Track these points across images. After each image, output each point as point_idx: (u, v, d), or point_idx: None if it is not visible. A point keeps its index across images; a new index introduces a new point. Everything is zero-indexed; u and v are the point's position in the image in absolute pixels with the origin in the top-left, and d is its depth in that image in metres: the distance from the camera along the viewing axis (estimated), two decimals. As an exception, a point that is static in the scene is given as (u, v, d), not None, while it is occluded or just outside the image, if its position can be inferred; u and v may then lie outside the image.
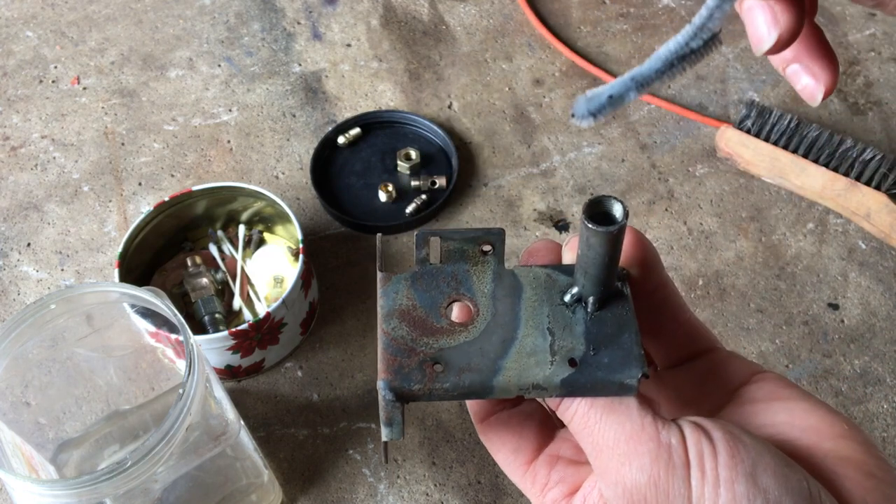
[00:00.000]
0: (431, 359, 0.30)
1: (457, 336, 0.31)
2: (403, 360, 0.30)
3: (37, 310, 0.44)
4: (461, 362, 0.30)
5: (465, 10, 0.89)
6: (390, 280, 0.32)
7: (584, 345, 0.30)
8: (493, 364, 0.30)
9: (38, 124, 0.80)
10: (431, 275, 0.32)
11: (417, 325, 0.31)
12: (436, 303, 0.32)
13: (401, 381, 0.29)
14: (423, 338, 0.30)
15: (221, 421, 0.48)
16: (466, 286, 0.32)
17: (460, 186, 0.75)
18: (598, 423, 0.29)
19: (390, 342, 0.30)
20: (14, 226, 0.73)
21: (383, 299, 0.32)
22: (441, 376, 0.29)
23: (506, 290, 0.32)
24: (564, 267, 0.33)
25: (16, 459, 0.45)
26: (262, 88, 0.82)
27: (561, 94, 0.82)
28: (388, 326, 0.31)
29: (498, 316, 0.31)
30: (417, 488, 0.60)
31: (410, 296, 0.32)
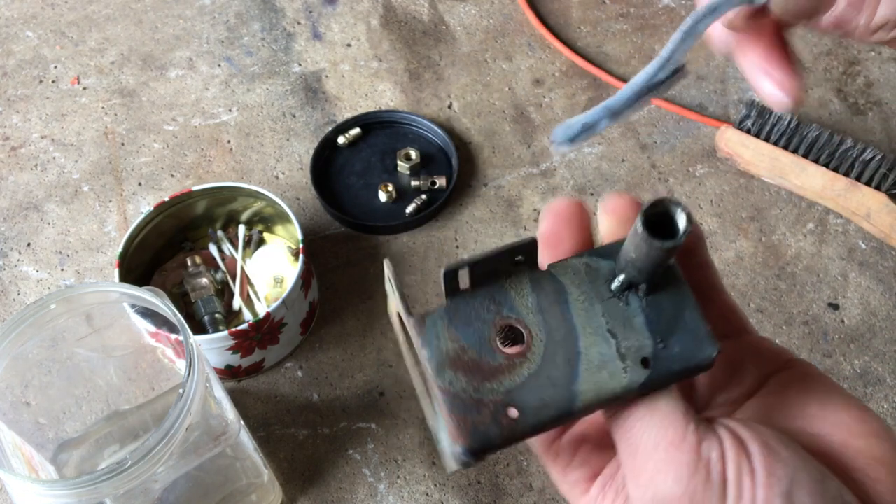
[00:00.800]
0: (503, 406, 0.27)
1: (519, 371, 0.28)
2: (474, 417, 0.27)
3: (37, 310, 0.44)
4: (534, 400, 0.27)
5: (465, 10, 0.89)
6: (425, 323, 0.28)
7: (650, 338, 0.28)
8: (568, 391, 0.27)
9: (38, 124, 0.80)
10: (468, 303, 0.29)
11: (474, 370, 0.28)
12: (483, 336, 0.28)
13: (479, 442, 0.27)
14: (484, 384, 0.27)
15: (221, 421, 0.48)
16: (508, 305, 0.29)
17: (460, 186, 0.75)
18: (639, 423, 0.27)
19: (453, 400, 0.27)
20: (14, 226, 0.73)
21: (426, 349, 0.28)
22: (520, 423, 0.27)
23: (549, 297, 0.29)
24: (600, 250, 0.30)
25: (16, 459, 0.45)
26: (262, 88, 0.82)
27: (561, 94, 0.82)
28: (444, 382, 0.27)
29: (552, 332, 0.28)
30: (417, 488, 0.60)
31: (454, 336, 0.28)
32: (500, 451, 0.60)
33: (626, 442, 0.28)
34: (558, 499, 0.59)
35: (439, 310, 0.29)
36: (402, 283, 0.25)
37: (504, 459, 0.61)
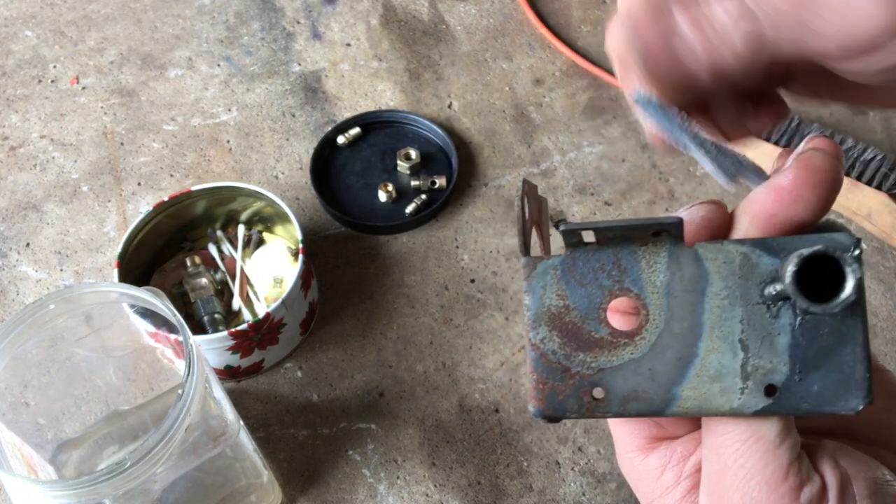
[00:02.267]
0: (589, 382, 0.25)
1: (620, 351, 0.25)
2: (556, 383, 0.25)
3: (36, 310, 0.44)
4: (626, 388, 0.25)
5: (465, 9, 0.88)
6: (535, 269, 0.26)
7: (788, 364, 0.24)
8: (666, 392, 0.24)
9: (38, 124, 0.80)
10: (587, 260, 0.26)
11: (572, 334, 0.25)
12: (594, 303, 0.25)
13: (554, 410, 0.25)
14: (578, 353, 0.25)
15: (221, 421, 0.48)
16: (633, 277, 0.25)
17: (460, 186, 0.75)
18: (738, 444, 0.24)
19: (540, 359, 0.25)
20: (13, 226, 0.73)
21: (529, 296, 0.26)
22: (601, 405, 0.25)
23: (685, 281, 0.25)
24: (770, 242, 0.25)
25: (15, 460, 0.45)
26: (261, 88, 0.82)
27: (561, 94, 0.81)
28: (536, 337, 0.25)
29: (673, 321, 0.25)
30: (417, 489, 0.60)
31: (562, 292, 0.25)
32: (426, 403, 0.60)
33: (716, 455, 0.25)
34: (559, 499, 0.59)
35: (555, 259, 0.26)
36: (531, 214, 0.23)
37: (504, 460, 0.61)
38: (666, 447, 0.28)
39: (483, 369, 0.65)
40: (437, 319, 0.67)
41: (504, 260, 0.70)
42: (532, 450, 0.61)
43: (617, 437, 0.29)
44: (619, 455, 0.29)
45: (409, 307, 0.68)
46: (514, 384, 0.64)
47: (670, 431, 0.28)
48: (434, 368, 0.65)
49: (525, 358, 0.26)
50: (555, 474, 0.60)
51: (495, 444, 0.62)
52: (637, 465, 0.28)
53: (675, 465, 0.27)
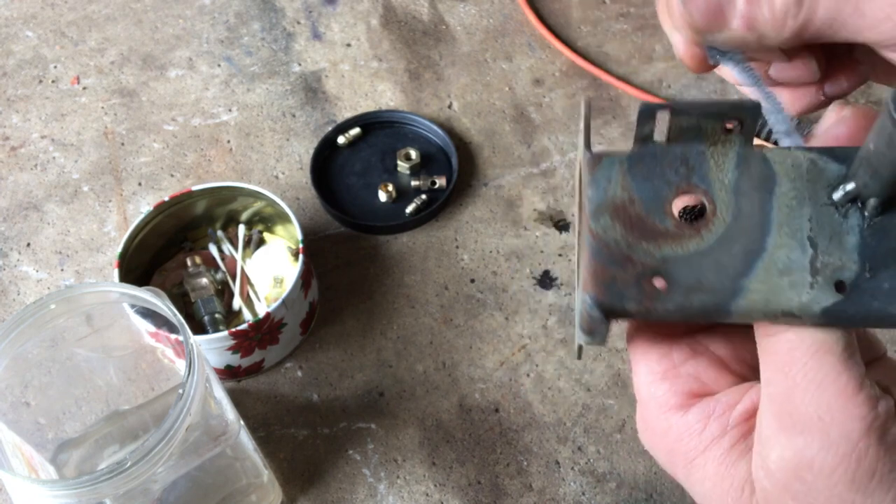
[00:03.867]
0: (652, 271, 0.24)
1: (686, 243, 0.24)
2: (616, 271, 0.24)
3: (36, 310, 0.44)
4: (690, 279, 0.24)
5: (465, 9, 0.89)
6: (600, 163, 0.25)
7: (858, 262, 0.23)
8: (733, 283, 0.23)
9: (38, 124, 0.80)
10: (655, 157, 0.25)
11: (635, 225, 0.24)
12: (659, 196, 0.25)
13: (612, 299, 0.24)
14: (641, 242, 0.24)
15: (221, 421, 0.48)
16: (700, 174, 0.25)
17: (460, 186, 0.75)
18: (808, 360, 0.23)
19: (601, 247, 0.24)
20: (14, 226, 0.73)
21: (592, 189, 0.25)
22: (663, 296, 0.23)
23: (753, 181, 0.24)
24: (836, 150, 0.25)
25: (15, 459, 0.45)
26: (261, 88, 0.82)
27: (561, 94, 0.82)
28: (597, 226, 0.24)
29: (741, 218, 0.24)
30: (417, 488, 0.60)
31: (627, 185, 0.25)
32: (426, 403, 0.59)
33: (782, 375, 0.24)
34: (558, 499, 0.59)
35: (622, 155, 0.25)
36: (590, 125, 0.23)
37: (504, 459, 0.61)
38: (707, 401, 0.27)
39: (483, 369, 0.65)
40: (437, 319, 0.67)
41: (504, 260, 0.70)
42: (532, 449, 0.61)
43: (651, 399, 0.27)
44: (652, 422, 0.28)
45: (409, 307, 0.68)
46: (514, 384, 0.64)
47: (710, 387, 0.27)
48: (434, 368, 0.65)
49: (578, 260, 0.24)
50: (554, 474, 0.60)
51: (495, 444, 0.62)
52: (676, 423, 0.27)
53: (720, 415, 0.26)
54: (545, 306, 0.68)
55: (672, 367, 0.27)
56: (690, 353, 0.27)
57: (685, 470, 0.27)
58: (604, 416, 0.63)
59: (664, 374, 0.27)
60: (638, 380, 0.28)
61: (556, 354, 0.66)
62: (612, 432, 0.62)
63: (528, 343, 0.66)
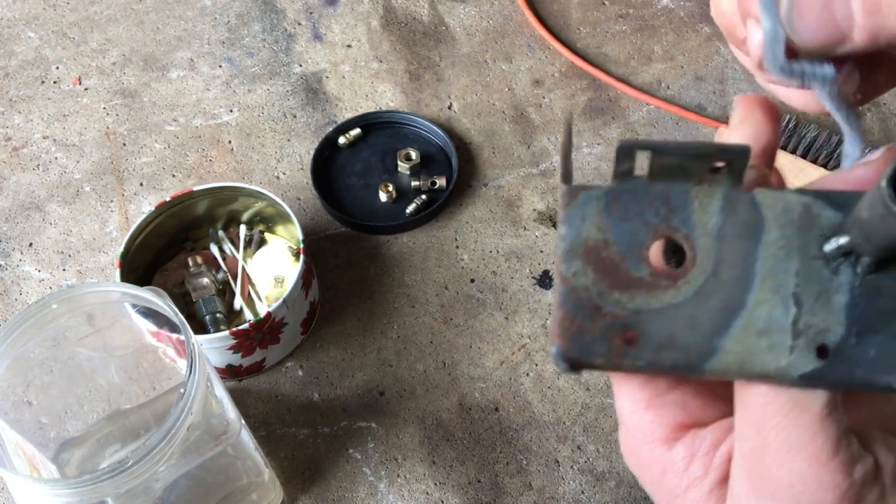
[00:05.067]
0: (622, 325, 0.22)
1: (660, 294, 0.22)
2: (584, 322, 0.22)
3: (38, 309, 0.44)
4: (662, 334, 0.22)
5: (464, 11, 0.89)
6: (577, 198, 0.24)
7: (844, 325, 0.21)
8: (707, 342, 0.22)
9: (40, 125, 0.80)
10: (634, 194, 0.23)
11: (608, 271, 0.23)
12: (636, 239, 0.23)
13: (578, 352, 0.22)
14: (613, 292, 0.23)
15: (222, 420, 0.48)
16: (682, 217, 0.23)
17: (460, 186, 0.75)
18: (780, 417, 0.22)
19: (569, 294, 0.23)
20: (16, 226, 0.73)
21: (566, 226, 0.23)
22: (632, 351, 0.22)
23: (739, 226, 0.23)
24: (833, 196, 0.23)
25: (17, 458, 0.45)
26: (262, 89, 0.82)
27: (560, 95, 0.82)
28: (567, 270, 0.23)
29: (722, 268, 0.22)
30: (417, 487, 0.60)
31: (603, 225, 0.23)
32: (426, 402, 0.60)
33: (754, 430, 0.22)
34: (558, 497, 0.60)
35: (599, 190, 0.24)
36: (572, 146, 0.22)
37: (504, 458, 0.61)
38: (693, 436, 0.25)
39: (483, 368, 0.65)
40: (437, 319, 0.68)
41: (504, 260, 0.71)
42: (531, 448, 0.62)
43: (635, 428, 0.26)
44: (636, 449, 0.26)
45: (409, 307, 0.68)
46: (514, 383, 0.65)
47: (697, 417, 0.26)
48: (434, 367, 0.65)
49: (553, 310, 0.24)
50: (554, 472, 0.61)
51: (495, 443, 0.62)
52: (661, 456, 0.25)
53: (704, 454, 0.25)
54: (545, 306, 0.68)
55: (656, 395, 0.26)
56: (675, 380, 0.26)
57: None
58: (603, 415, 0.63)
59: (648, 402, 0.26)
60: (620, 406, 0.27)
61: (556, 354, 0.66)
62: (612, 431, 0.62)
63: (528, 342, 0.66)
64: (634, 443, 0.26)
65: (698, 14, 0.88)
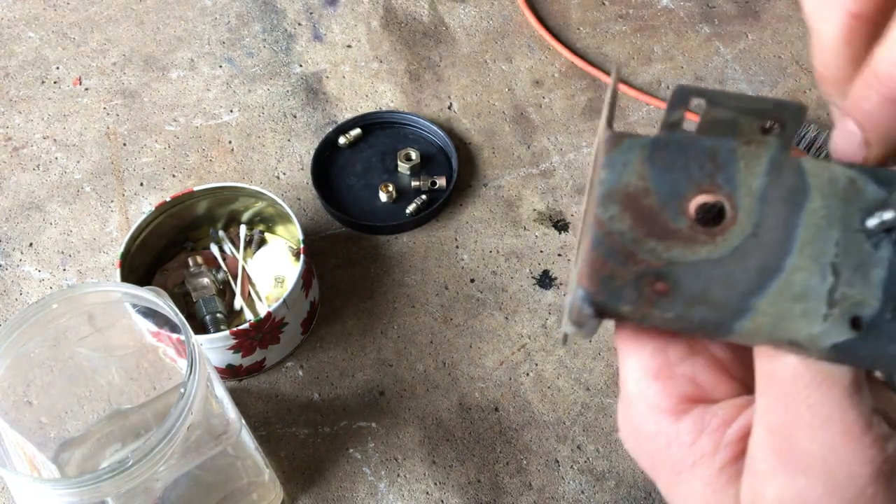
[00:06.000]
0: (655, 274, 0.22)
1: (698, 248, 0.22)
2: (616, 267, 0.22)
3: (39, 309, 0.45)
4: (695, 288, 0.22)
5: (464, 11, 0.89)
6: (620, 144, 0.23)
7: (881, 299, 0.21)
8: (740, 301, 0.21)
9: (41, 125, 0.80)
10: (680, 147, 0.23)
11: (646, 219, 0.22)
12: (678, 191, 0.22)
13: (606, 297, 0.22)
14: (649, 240, 0.22)
15: (223, 420, 0.48)
16: (727, 174, 0.22)
17: (460, 186, 0.75)
18: (812, 392, 0.21)
19: (603, 238, 0.22)
20: (16, 226, 0.73)
21: (606, 171, 0.23)
22: (663, 303, 0.22)
23: (783, 191, 0.22)
24: (880, 173, 0.22)
25: (18, 458, 0.45)
26: (263, 89, 0.82)
27: (560, 95, 0.82)
28: (604, 214, 0.22)
29: (763, 229, 0.22)
30: (417, 487, 0.60)
31: (644, 173, 0.23)
32: (426, 402, 0.60)
33: (783, 405, 0.22)
34: (558, 497, 0.60)
35: (645, 139, 0.23)
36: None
37: (504, 458, 0.61)
38: (703, 410, 0.24)
39: (483, 368, 0.65)
40: (438, 319, 0.68)
41: (504, 260, 0.71)
42: (531, 448, 0.62)
43: (640, 397, 0.25)
44: (639, 419, 0.25)
45: (409, 307, 0.68)
46: (514, 383, 0.65)
47: (707, 393, 0.25)
48: (434, 367, 0.65)
49: (573, 266, 0.23)
50: (554, 472, 0.61)
51: (495, 443, 0.62)
52: (666, 428, 0.24)
53: (714, 430, 0.24)
54: (545, 306, 0.68)
55: (667, 365, 0.25)
56: (688, 351, 0.25)
57: (668, 480, 0.25)
58: (603, 414, 0.63)
59: (657, 372, 0.25)
60: (626, 374, 0.26)
61: (556, 354, 0.66)
62: (612, 431, 0.62)
63: (528, 342, 0.66)
64: (638, 413, 0.25)
65: (698, 14, 0.88)
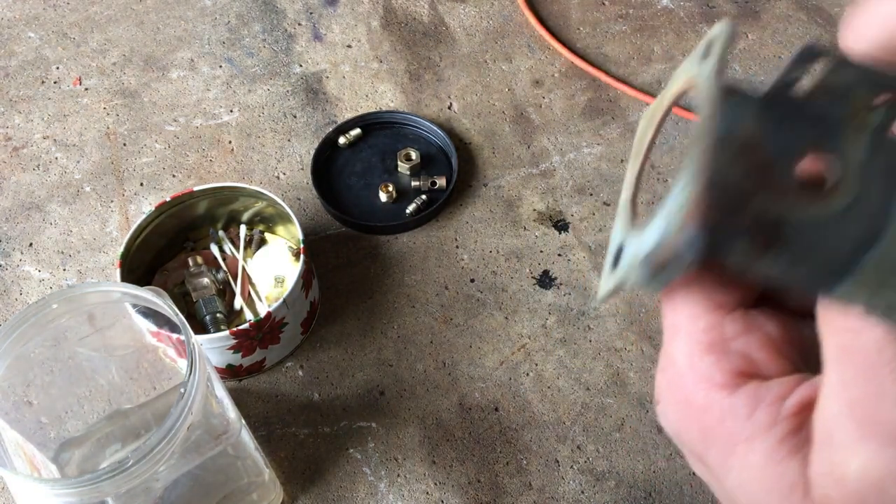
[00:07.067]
0: (766, 225, 0.21)
1: (805, 206, 0.22)
2: (730, 212, 0.21)
3: (39, 309, 0.45)
4: (802, 245, 0.21)
5: (464, 11, 0.89)
6: (735, 95, 0.22)
7: None
8: (843, 264, 0.21)
9: (41, 125, 0.80)
10: (793, 108, 0.23)
11: (759, 171, 0.22)
12: (788, 149, 0.22)
13: (717, 241, 0.21)
14: (760, 192, 0.21)
15: (223, 420, 0.48)
16: (834, 141, 0.22)
17: (460, 187, 0.75)
18: (895, 367, 0.21)
19: (719, 180, 0.21)
20: (16, 226, 0.73)
21: (720, 117, 0.22)
22: (772, 255, 0.21)
23: (884, 166, 0.22)
24: None
25: (18, 458, 0.45)
26: (263, 89, 0.82)
27: (560, 95, 0.82)
28: (720, 158, 0.21)
29: (865, 198, 0.22)
30: (417, 487, 0.60)
31: (758, 126, 0.22)
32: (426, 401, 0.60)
33: (864, 376, 0.21)
34: (558, 497, 0.60)
35: (756, 93, 0.23)
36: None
37: (504, 458, 0.61)
38: (757, 385, 0.24)
39: (483, 368, 0.65)
40: (438, 319, 0.68)
41: (504, 260, 0.71)
42: (531, 448, 0.62)
43: (691, 370, 0.24)
44: (688, 393, 0.24)
45: (409, 307, 0.68)
46: (514, 383, 0.65)
47: (760, 369, 0.24)
48: (434, 367, 0.65)
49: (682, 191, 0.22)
50: (554, 472, 0.61)
51: (495, 443, 0.62)
52: (719, 402, 0.24)
53: (771, 403, 0.23)
54: (545, 306, 0.68)
55: (721, 339, 0.24)
56: (744, 327, 0.24)
57: (722, 454, 0.24)
58: (603, 415, 0.63)
59: (711, 345, 0.24)
60: (675, 347, 0.25)
61: (556, 354, 0.66)
62: (612, 431, 0.62)
63: (528, 342, 0.66)
64: (687, 386, 0.24)
65: (698, 14, 0.88)
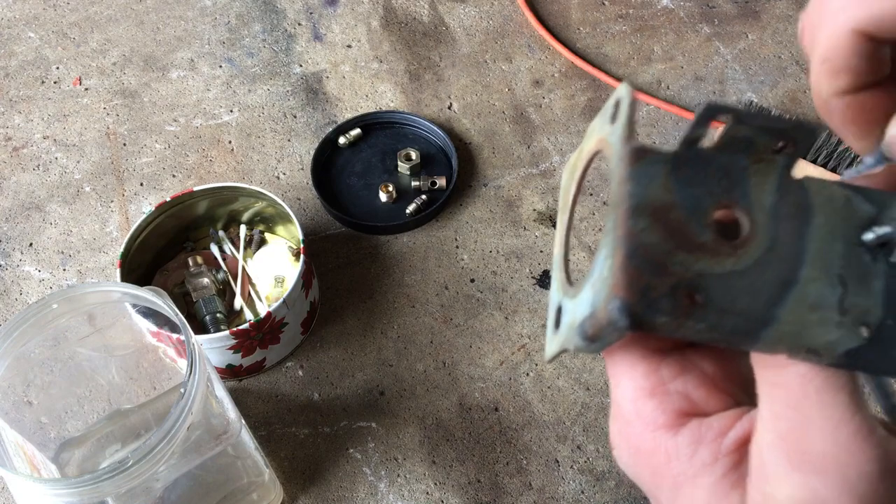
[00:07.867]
0: (688, 285, 0.22)
1: (723, 260, 0.23)
2: (651, 278, 0.22)
3: (39, 309, 0.45)
4: (724, 299, 0.22)
5: (464, 11, 0.89)
6: (644, 158, 0.24)
7: (882, 308, 0.23)
8: (765, 311, 0.22)
9: (41, 125, 0.80)
10: (699, 163, 0.24)
11: (674, 232, 0.23)
12: (700, 205, 0.23)
13: (645, 308, 0.22)
14: (679, 252, 0.23)
15: (223, 420, 0.48)
16: (742, 191, 0.24)
17: (460, 187, 0.75)
18: (820, 397, 0.22)
19: (637, 249, 0.22)
20: (16, 226, 0.73)
21: (632, 184, 0.23)
22: (697, 313, 0.22)
23: (791, 208, 0.24)
24: (869, 192, 0.24)
25: (18, 458, 0.45)
26: (263, 89, 0.82)
27: (560, 95, 0.82)
28: (636, 226, 0.23)
29: (778, 244, 0.23)
30: (417, 487, 0.60)
31: (669, 187, 0.23)
32: (426, 401, 0.60)
33: (792, 409, 0.23)
34: (558, 497, 0.60)
35: (666, 154, 0.24)
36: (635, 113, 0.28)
37: (504, 458, 0.61)
38: (698, 423, 0.25)
39: (483, 368, 0.65)
40: (437, 319, 0.68)
41: (504, 260, 0.71)
42: (531, 448, 0.62)
43: (636, 415, 0.26)
44: (636, 437, 0.26)
45: (409, 307, 0.68)
46: (514, 383, 0.65)
47: (699, 407, 0.26)
48: (434, 367, 0.65)
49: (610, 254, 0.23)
50: (554, 472, 0.61)
51: (495, 443, 0.62)
52: (665, 443, 0.25)
53: (711, 441, 0.25)
54: (545, 306, 0.68)
55: (661, 383, 0.26)
56: (680, 369, 0.26)
57: (671, 494, 0.25)
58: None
59: (652, 390, 0.25)
60: (621, 395, 0.26)
61: (556, 354, 0.66)
62: (611, 431, 0.62)
63: (528, 342, 0.66)
64: (634, 431, 0.26)
65: (698, 14, 0.88)
